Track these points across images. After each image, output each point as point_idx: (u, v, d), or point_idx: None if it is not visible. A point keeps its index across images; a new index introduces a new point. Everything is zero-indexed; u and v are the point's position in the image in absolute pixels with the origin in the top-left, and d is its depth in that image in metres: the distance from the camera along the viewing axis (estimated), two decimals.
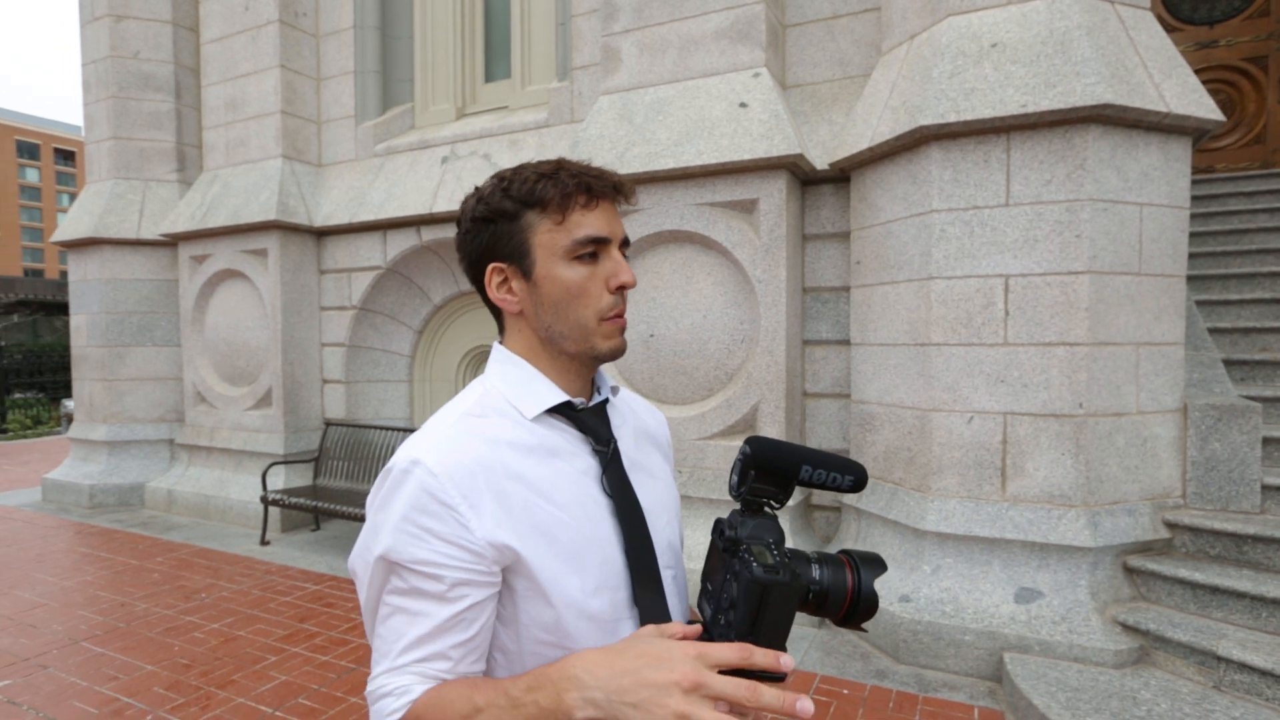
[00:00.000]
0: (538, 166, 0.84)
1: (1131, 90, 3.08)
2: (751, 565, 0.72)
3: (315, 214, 5.87)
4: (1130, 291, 3.21)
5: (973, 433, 3.30)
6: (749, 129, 3.83)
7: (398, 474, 0.77)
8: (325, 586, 4.35)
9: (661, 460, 1.00)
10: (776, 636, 0.74)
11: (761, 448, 0.80)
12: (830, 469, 0.80)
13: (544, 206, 0.82)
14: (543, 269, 0.83)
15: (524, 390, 0.85)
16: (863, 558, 0.80)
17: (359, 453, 5.60)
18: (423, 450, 0.77)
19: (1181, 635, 2.80)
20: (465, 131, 5.49)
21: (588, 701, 0.65)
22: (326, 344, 6.02)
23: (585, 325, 0.84)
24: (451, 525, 0.74)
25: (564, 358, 0.87)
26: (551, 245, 0.82)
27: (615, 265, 0.84)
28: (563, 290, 0.83)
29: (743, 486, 0.81)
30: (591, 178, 0.83)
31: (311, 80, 6.08)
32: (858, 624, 0.80)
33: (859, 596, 0.77)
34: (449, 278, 5.76)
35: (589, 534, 0.81)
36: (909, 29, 3.65)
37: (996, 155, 3.24)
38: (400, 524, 0.74)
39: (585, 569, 0.79)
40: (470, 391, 0.88)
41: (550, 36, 5.41)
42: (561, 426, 0.86)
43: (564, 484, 0.82)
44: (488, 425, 0.82)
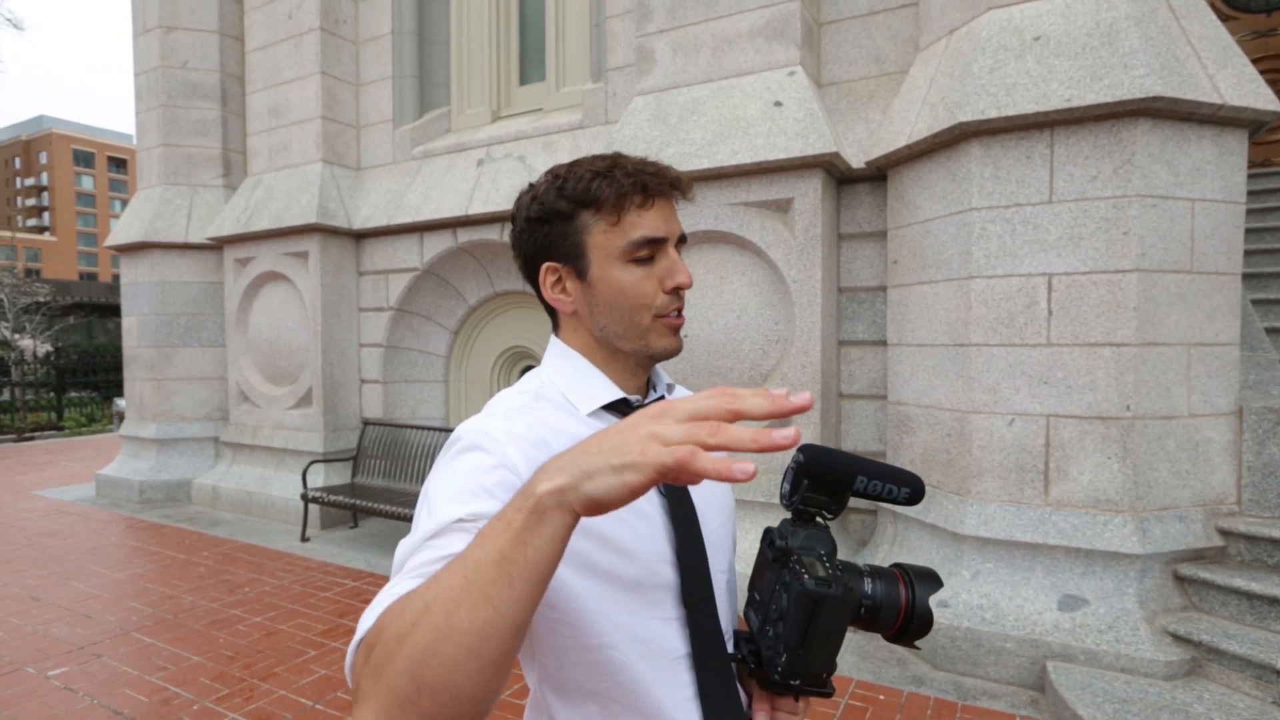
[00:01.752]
0: (592, 163, 0.83)
1: (1183, 82, 2.97)
2: (803, 577, 0.71)
3: (354, 217, 5.99)
4: (1181, 290, 3.10)
5: (1014, 435, 3.23)
6: (784, 128, 3.80)
7: (464, 443, 0.75)
8: (363, 583, 4.43)
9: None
10: (828, 651, 0.73)
11: (815, 456, 0.77)
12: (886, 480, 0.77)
13: (599, 207, 0.80)
14: (598, 270, 0.82)
15: (579, 385, 0.85)
16: (917, 573, 0.77)
17: (396, 452, 5.70)
18: (486, 422, 0.77)
19: (1237, 647, 2.69)
20: (500, 134, 5.55)
21: (555, 471, 0.52)
22: (365, 344, 6.13)
23: (640, 325, 0.83)
24: (514, 482, 0.70)
25: (619, 356, 0.86)
26: (607, 247, 0.81)
27: (671, 265, 0.82)
28: (618, 292, 0.82)
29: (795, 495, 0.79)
30: (648, 175, 0.81)
31: (351, 85, 6.21)
32: (910, 641, 0.77)
33: (913, 613, 0.75)
34: (484, 279, 5.82)
35: (642, 531, 0.79)
36: (948, 24, 3.58)
37: (1039, 151, 3.16)
38: (462, 482, 0.70)
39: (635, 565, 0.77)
40: (528, 381, 0.87)
41: (584, 38, 5.44)
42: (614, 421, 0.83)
43: None
44: (546, 413, 0.81)
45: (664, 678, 0.78)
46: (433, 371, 6.19)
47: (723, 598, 0.86)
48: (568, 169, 0.84)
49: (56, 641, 3.56)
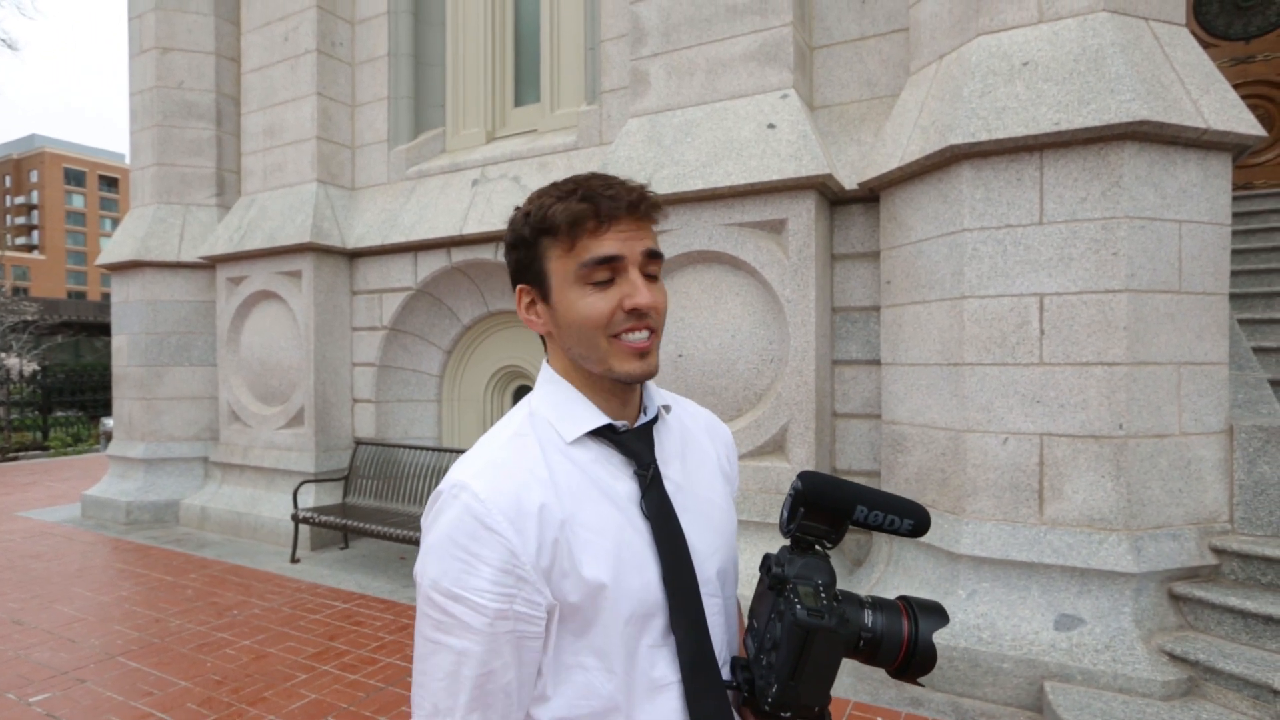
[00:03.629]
0: (559, 187, 0.84)
1: (1168, 106, 3.04)
2: (795, 607, 0.70)
3: (348, 236, 6.00)
4: (1170, 310, 3.14)
5: (1008, 454, 3.24)
6: (777, 150, 3.84)
7: (445, 498, 0.77)
8: (354, 605, 4.37)
9: (719, 481, 0.96)
10: (820, 684, 0.71)
11: (813, 484, 0.76)
12: (889, 511, 0.76)
13: (555, 232, 0.81)
14: (557, 294, 0.83)
15: (564, 412, 0.85)
16: (922, 606, 0.75)
17: (388, 472, 5.65)
18: (470, 474, 0.78)
19: (1234, 667, 2.69)
20: (495, 155, 5.59)
21: None
22: (357, 364, 6.11)
23: (599, 348, 0.82)
24: (499, 551, 0.73)
25: (593, 378, 0.86)
26: (563, 271, 0.82)
27: (631, 286, 0.81)
28: (574, 315, 0.82)
29: (792, 523, 0.78)
30: (604, 198, 0.80)
31: (346, 106, 6.25)
32: (914, 677, 0.75)
33: (915, 648, 0.73)
34: (478, 298, 5.83)
35: (626, 560, 0.79)
36: (938, 49, 3.65)
37: (1029, 173, 3.21)
38: (446, 547, 0.74)
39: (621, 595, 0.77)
40: (517, 412, 0.88)
41: (579, 61, 5.50)
42: (601, 449, 0.85)
43: (604, 509, 0.80)
44: (532, 448, 0.81)
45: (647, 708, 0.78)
46: (426, 391, 6.17)
47: (718, 623, 0.85)
48: (538, 195, 0.86)
49: (39, 666, 3.48)
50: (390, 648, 3.70)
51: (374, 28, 6.12)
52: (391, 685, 3.28)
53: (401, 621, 4.08)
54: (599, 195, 0.80)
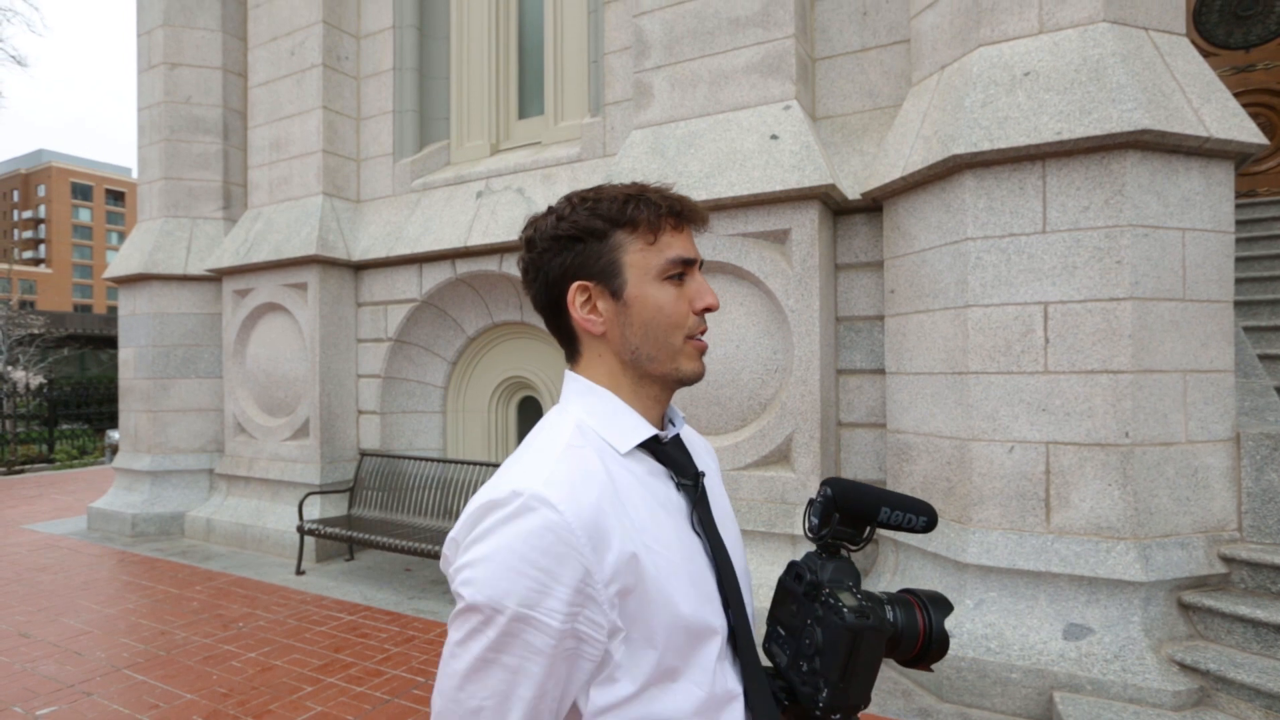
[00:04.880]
0: (619, 189, 0.84)
1: (1170, 115, 3.05)
2: (842, 611, 0.72)
3: (353, 248, 6.03)
4: (1175, 318, 3.14)
5: (1014, 463, 3.23)
6: (780, 160, 3.87)
7: (516, 508, 0.70)
8: (360, 617, 4.36)
9: (723, 491, 0.98)
10: (866, 682, 0.73)
11: (844, 491, 0.79)
12: (906, 510, 0.80)
13: (635, 226, 0.81)
14: (635, 288, 0.82)
15: (612, 423, 0.82)
16: (929, 597, 0.79)
17: (393, 483, 5.66)
18: (540, 483, 0.71)
19: (1245, 676, 2.67)
20: (499, 167, 5.62)
21: None
22: (362, 375, 6.13)
23: (673, 346, 0.82)
24: (577, 570, 0.68)
25: (646, 381, 0.84)
26: (644, 265, 0.82)
27: (699, 287, 0.84)
28: (654, 310, 0.81)
29: (824, 529, 0.81)
30: (679, 202, 0.84)
31: (352, 120, 6.30)
32: (928, 664, 0.79)
33: (931, 637, 0.77)
34: (482, 310, 5.85)
35: (694, 576, 0.78)
36: (939, 60, 3.67)
37: (1032, 183, 3.22)
38: (515, 563, 0.67)
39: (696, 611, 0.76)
40: (561, 422, 0.83)
41: (583, 73, 5.55)
42: (647, 460, 0.83)
43: (664, 521, 0.78)
44: (593, 460, 0.77)
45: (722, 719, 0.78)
46: (430, 402, 6.18)
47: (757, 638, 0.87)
48: (594, 193, 0.84)
49: (45, 679, 3.48)
50: (396, 659, 3.69)
51: (379, 42, 6.19)
52: (397, 697, 3.27)
53: (407, 634, 4.07)
54: (673, 198, 0.83)
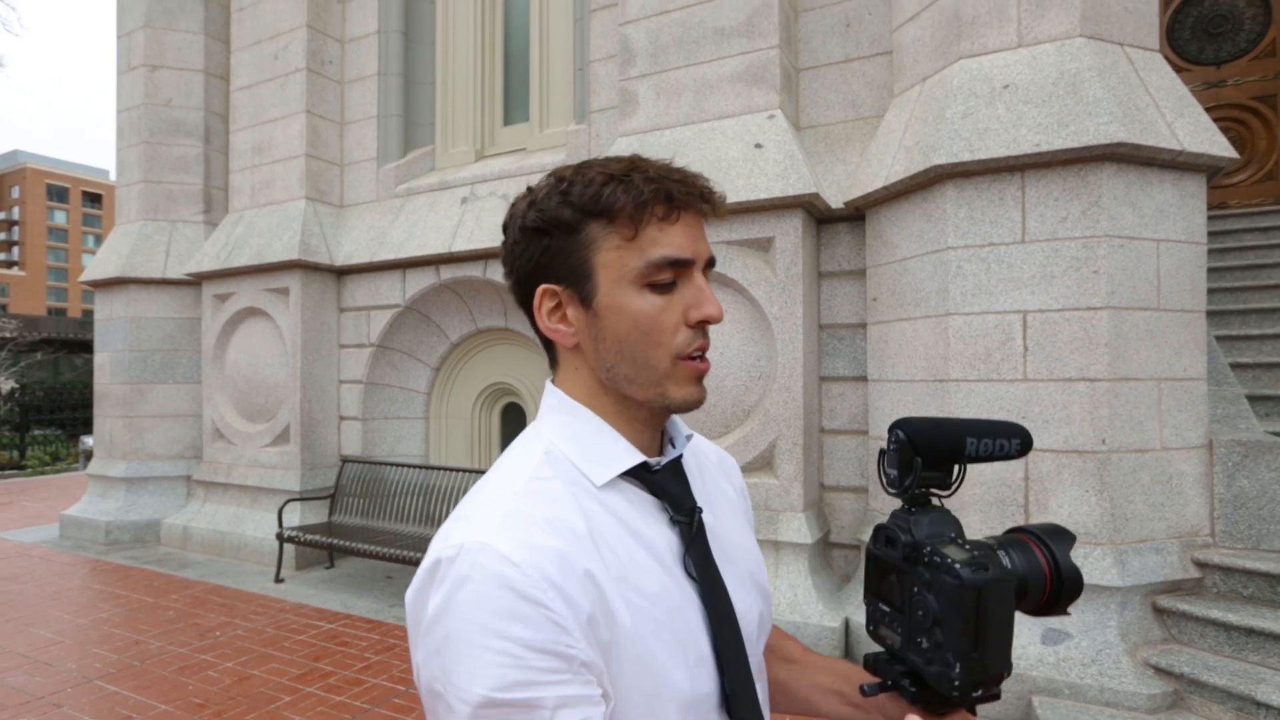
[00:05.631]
0: (606, 165, 0.68)
1: (1144, 129, 3.12)
2: (954, 568, 0.60)
3: (336, 253, 5.99)
4: (1150, 327, 3.20)
5: (994, 469, 3.27)
6: (764, 169, 3.90)
7: (463, 567, 0.58)
8: (339, 625, 4.31)
9: (742, 520, 0.83)
10: (1003, 645, 0.62)
11: (920, 428, 0.67)
12: (995, 436, 0.68)
13: (612, 217, 0.66)
14: (606, 296, 0.67)
15: (590, 449, 0.68)
16: (1045, 531, 0.68)
17: (375, 490, 5.61)
18: (488, 531, 0.59)
19: (1217, 679, 2.72)
20: (484, 173, 5.62)
21: None
22: (344, 381, 6.08)
23: (656, 368, 0.67)
24: (547, 630, 0.56)
25: (629, 404, 0.70)
26: (619, 266, 0.66)
27: (697, 294, 0.67)
28: (630, 324, 0.66)
29: (908, 478, 0.68)
30: (673, 183, 0.66)
31: (335, 124, 6.27)
32: (1064, 608, 0.67)
33: (1060, 576, 0.65)
34: (466, 315, 5.83)
35: (681, 635, 0.65)
36: (920, 72, 3.73)
37: (1011, 193, 3.28)
38: (478, 638, 0.56)
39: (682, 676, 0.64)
40: (529, 450, 0.70)
41: (568, 81, 5.57)
42: (631, 490, 0.69)
43: (647, 567, 0.66)
44: (560, 494, 0.65)
45: None
46: (413, 409, 6.14)
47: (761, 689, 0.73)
48: (574, 171, 0.69)
49: (13, 691, 3.41)
50: (376, 668, 3.65)
51: (364, 47, 6.17)
52: (378, 706, 3.23)
53: (388, 641, 4.03)
54: (666, 179, 0.66)
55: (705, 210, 0.69)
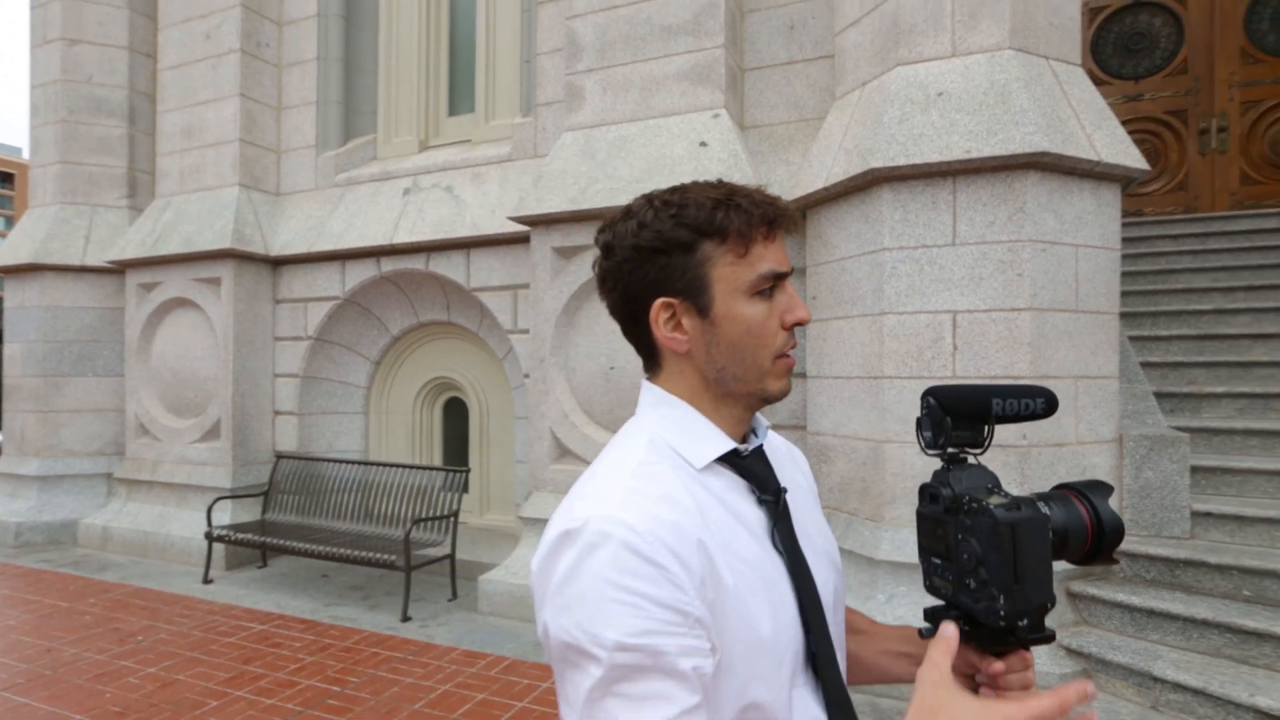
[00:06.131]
0: (707, 190, 0.77)
1: (1066, 140, 3.28)
2: (990, 509, 0.67)
3: (272, 243, 5.79)
4: (1068, 328, 3.37)
5: (925, 463, 3.40)
6: (709, 168, 3.94)
7: (592, 535, 0.66)
8: (272, 626, 4.18)
9: (813, 503, 0.92)
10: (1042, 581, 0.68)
11: (944, 394, 0.75)
12: (1020, 396, 0.75)
13: (724, 237, 0.75)
14: (722, 306, 0.76)
15: (689, 437, 0.78)
16: (1086, 485, 0.74)
17: (311, 486, 5.45)
18: (613, 507, 0.68)
19: (1121, 658, 2.90)
20: (428, 164, 5.51)
21: None
22: (280, 375, 5.88)
23: (761, 366, 0.77)
24: (666, 588, 0.64)
25: (729, 400, 0.80)
26: (733, 280, 0.76)
27: (790, 300, 0.78)
28: (743, 329, 0.76)
29: (940, 438, 0.76)
30: (770, 206, 0.76)
31: (272, 109, 6.05)
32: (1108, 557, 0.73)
33: (1101, 526, 0.71)
34: (408, 309, 5.72)
35: (774, 597, 0.74)
36: (860, 76, 3.83)
37: (944, 197, 3.40)
38: (610, 593, 0.64)
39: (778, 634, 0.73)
40: (635, 438, 0.79)
41: (514, 73, 5.51)
42: (725, 473, 0.79)
43: (743, 538, 0.75)
44: (668, 475, 0.73)
45: None
46: (352, 403, 5.99)
47: (840, 654, 0.81)
48: (679, 196, 0.77)
49: None
50: (310, 669, 3.56)
51: (303, 30, 5.97)
52: (311, 708, 3.15)
53: (323, 642, 3.93)
54: (766, 203, 0.76)
55: (792, 230, 0.81)
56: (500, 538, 5.31)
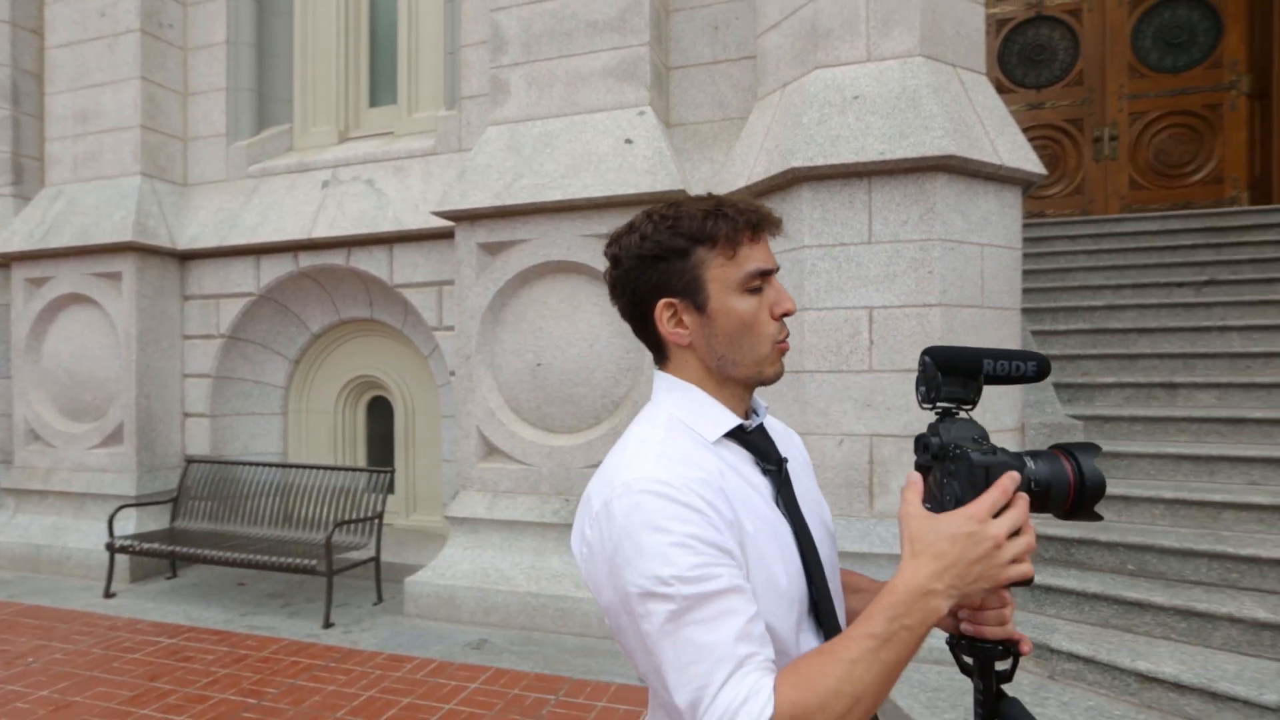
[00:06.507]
0: (698, 203, 0.88)
1: (971, 144, 3.45)
2: (969, 454, 0.75)
3: (179, 236, 5.48)
4: (975, 322, 3.56)
5: (843, 454, 3.52)
6: (634, 164, 3.96)
7: (632, 497, 0.77)
8: (182, 639, 3.98)
9: (809, 476, 1.03)
10: None
11: (940, 353, 0.83)
12: (1011, 359, 0.82)
13: (715, 242, 0.86)
14: (717, 302, 0.87)
15: (701, 415, 0.89)
16: (1076, 446, 0.79)
17: (225, 491, 5.20)
18: (647, 469, 0.79)
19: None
20: (348, 156, 5.33)
21: (947, 600, 0.72)
22: (189, 375, 5.58)
23: (759, 352, 0.89)
24: (706, 528, 0.75)
25: (730, 384, 0.91)
26: (725, 279, 0.87)
27: (778, 294, 0.89)
28: (737, 321, 0.87)
29: (933, 393, 0.83)
30: (754, 213, 0.87)
31: (178, 95, 5.72)
32: (1089, 511, 0.78)
33: (1083, 481, 0.77)
34: (328, 305, 5.52)
35: (783, 551, 0.85)
36: (781, 78, 3.92)
37: (860, 197, 3.52)
38: (661, 538, 0.74)
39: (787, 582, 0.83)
40: (655, 417, 0.90)
41: (438, 65, 5.39)
42: (733, 446, 0.90)
43: (755, 499, 0.86)
44: (687, 445, 0.85)
45: None
46: (270, 404, 5.75)
47: (839, 605, 0.92)
48: (675, 210, 0.89)
49: None
50: (224, 682, 3.41)
51: (210, 11, 5.66)
52: None
53: (238, 653, 3.76)
54: (748, 210, 0.87)
55: (775, 232, 0.91)
56: (428, 538, 5.20)
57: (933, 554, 0.72)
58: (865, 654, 0.70)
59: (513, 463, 4.27)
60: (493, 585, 4.05)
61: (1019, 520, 0.73)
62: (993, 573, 0.72)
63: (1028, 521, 0.74)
